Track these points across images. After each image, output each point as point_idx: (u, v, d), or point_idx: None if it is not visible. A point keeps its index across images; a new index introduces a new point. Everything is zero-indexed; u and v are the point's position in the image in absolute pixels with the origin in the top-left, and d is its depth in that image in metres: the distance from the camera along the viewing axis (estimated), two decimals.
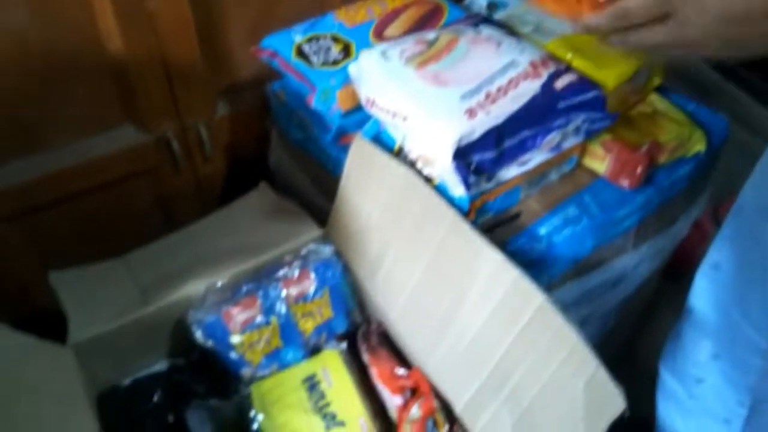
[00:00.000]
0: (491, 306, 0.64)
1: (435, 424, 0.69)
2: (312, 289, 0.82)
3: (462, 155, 0.66)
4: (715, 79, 1.65)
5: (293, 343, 0.83)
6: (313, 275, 0.82)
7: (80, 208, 0.96)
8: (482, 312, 0.65)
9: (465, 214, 0.71)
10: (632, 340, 1.22)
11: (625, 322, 1.04)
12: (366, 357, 0.82)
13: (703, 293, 0.80)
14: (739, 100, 1.40)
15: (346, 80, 0.80)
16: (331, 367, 0.81)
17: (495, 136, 0.67)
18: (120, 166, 0.95)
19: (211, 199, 1.06)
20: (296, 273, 0.82)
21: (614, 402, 0.54)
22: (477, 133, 0.66)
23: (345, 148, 0.82)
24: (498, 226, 0.76)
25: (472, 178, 0.66)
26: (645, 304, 1.09)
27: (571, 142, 0.75)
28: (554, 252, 0.77)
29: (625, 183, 0.81)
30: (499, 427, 0.65)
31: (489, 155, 0.67)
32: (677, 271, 1.41)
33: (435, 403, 0.71)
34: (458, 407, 0.70)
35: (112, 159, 0.93)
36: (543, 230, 0.77)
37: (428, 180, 0.72)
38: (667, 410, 0.83)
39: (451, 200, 0.70)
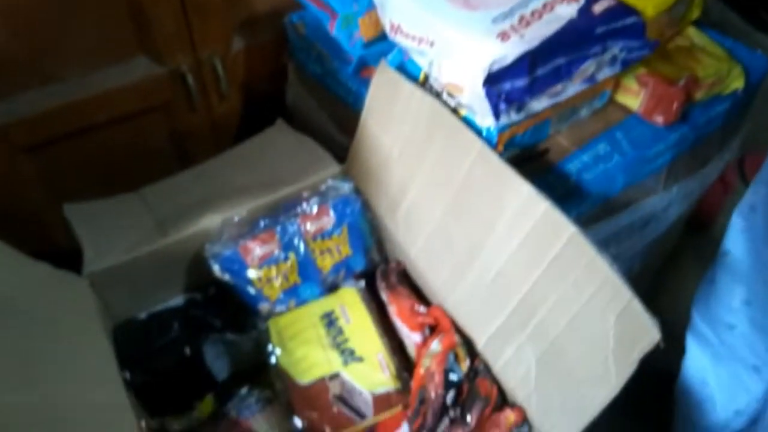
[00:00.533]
0: (519, 238, 0.61)
1: (456, 358, 0.67)
2: (330, 225, 0.80)
3: (493, 81, 0.63)
4: (745, 29, 1.58)
5: (311, 279, 0.81)
6: (331, 212, 0.80)
7: (94, 143, 0.94)
8: (509, 245, 0.62)
9: (493, 147, 0.68)
10: (653, 292, 1.20)
11: (650, 267, 1.02)
12: (385, 295, 0.80)
13: (738, 236, 0.77)
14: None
15: (369, 6, 0.77)
16: (349, 305, 0.80)
17: (528, 62, 0.63)
18: (134, 100, 0.93)
19: (226, 138, 1.04)
20: (314, 209, 0.80)
21: (648, 333, 0.52)
22: (509, 58, 0.63)
23: (366, 82, 0.78)
24: (526, 161, 0.73)
25: (502, 106, 0.63)
26: (669, 251, 1.06)
27: (606, 73, 0.71)
28: (583, 190, 0.74)
29: (659, 119, 0.78)
30: (522, 363, 0.63)
31: (521, 83, 0.64)
32: (700, 224, 1.38)
33: (456, 338, 0.69)
34: (480, 343, 0.68)
35: (126, 91, 0.91)
36: (572, 167, 0.74)
37: (455, 111, 0.69)
38: (697, 356, 0.81)
39: (478, 132, 0.67)
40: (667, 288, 1.33)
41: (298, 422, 0.70)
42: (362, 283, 0.83)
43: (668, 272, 1.23)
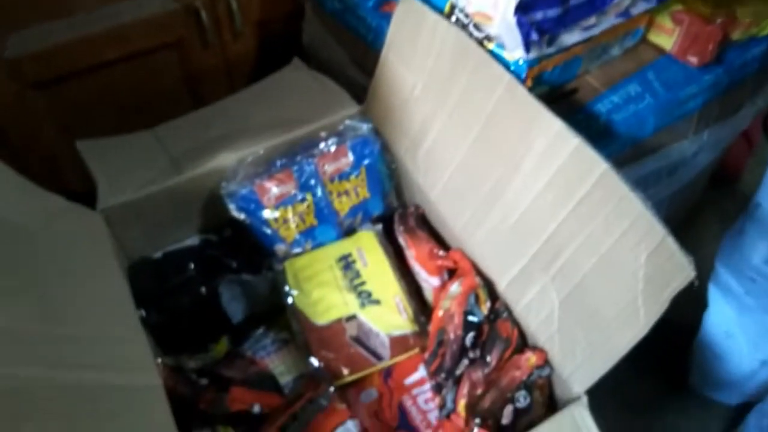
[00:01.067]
0: (547, 176, 0.59)
1: (477, 299, 0.66)
2: (348, 166, 0.78)
3: (525, 10, 0.59)
4: None
5: (328, 222, 0.80)
6: (349, 152, 0.78)
7: (106, 80, 0.92)
8: (536, 183, 0.60)
9: (521, 82, 0.65)
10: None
11: (674, 217, 0.99)
12: (403, 238, 0.78)
13: None
14: None
15: None
16: (367, 248, 0.79)
17: None
18: (147, 36, 0.90)
19: (240, 78, 1.01)
20: (332, 150, 0.77)
21: (681, 272, 0.50)
22: None
23: (387, 17, 0.75)
24: (554, 101, 0.70)
25: (533, 36, 0.60)
26: (693, 203, 1.04)
27: (641, 7, 0.68)
28: (612, 131, 0.71)
29: (693, 60, 0.75)
30: (545, 304, 0.62)
31: (553, 12, 0.61)
32: (722, 179, 1.35)
33: (477, 280, 0.68)
34: (501, 286, 0.67)
35: (138, 26, 0.88)
36: (602, 108, 0.71)
37: (481, 44, 0.66)
38: (721, 307, 0.80)
39: (506, 66, 0.64)
40: (687, 243, 1.31)
41: (314, 362, 0.70)
42: (380, 226, 0.81)
43: (689, 227, 1.21)
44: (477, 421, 0.59)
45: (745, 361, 0.80)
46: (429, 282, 0.74)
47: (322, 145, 0.78)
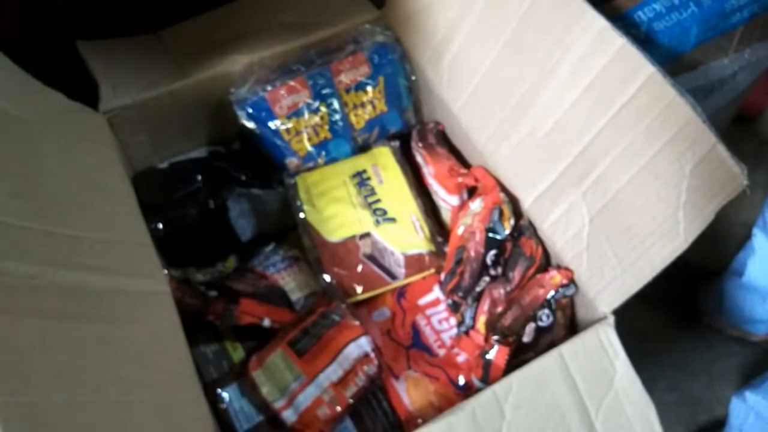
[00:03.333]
0: (586, 81, 0.55)
1: (501, 215, 0.63)
2: (366, 76, 0.74)
3: None
4: None
5: (342, 136, 0.75)
6: (367, 61, 0.73)
7: None
8: (573, 89, 0.56)
9: None
10: None
11: None
12: (421, 155, 0.74)
13: None
14: None
15: None
16: (382, 164, 0.75)
17: None
18: None
19: None
20: (349, 57, 0.72)
21: (731, 182, 0.47)
22: None
23: None
24: (594, 3, 0.65)
25: None
26: (722, 131, 0.99)
27: None
28: (653, 41, 0.66)
29: None
30: (574, 221, 0.58)
31: None
32: (743, 117, 1.30)
33: (502, 196, 0.64)
34: (527, 203, 0.63)
35: None
36: (643, 15, 0.66)
37: None
38: (756, 266, 0.78)
39: None
40: None
41: (326, 278, 0.67)
42: (397, 143, 0.77)
43: None
44: (497, 338, 0.57)
45: None
46: (447, 201, 0.71)
47: (338, 52, 0.73)
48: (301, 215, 0.71)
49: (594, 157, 0.56)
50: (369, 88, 0.74)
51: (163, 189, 0.71)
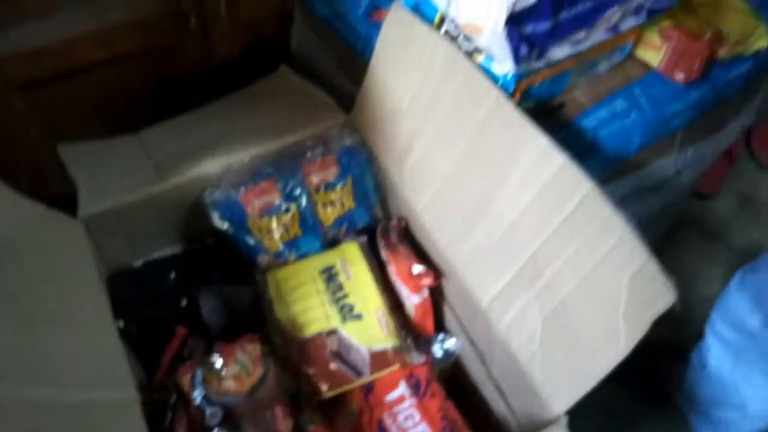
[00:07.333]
0: (533, 193, 0.59)
1: None
2: (334, 177, 0.78)
3: (515, 22, 0.59)
4: None
5: (312, 232, 0.79)
6: (336, 162, 0.77)
7: (92, 82, 0.90)
8: (522, 199, 0.60)
9: (509, 96, 0.65)
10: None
11: (655, 233, 1.00)
12: (384, 253, 0.78)
13: None
14: None
15: None
16: (350, 260, 0.78)
17: (552, 5, 0.60)
18: (134, 38, 0.88)
19: (227, 83, 0.99)
20: (318, 159, 0.77)
21: (662, 296, 0.50)
22: None
23: (377, 26, 0.74)
24: (541, 115, 0.70)
25: (523, 50, 0.60)
26: (674, 218, 1.04)
27: (630, 23, 0.68)
28: (599, 147, 0.71)
29: (680, 77, 0.75)
30: (528, 322, 0.61)
31: (544, 26, 0.60)
32: (702, 194, 1.35)
33: None
34: (484, 302, 0.66)
35: (125, 29, 0.87)
36: (588, 123, 0.71)
37: (470, 56, 0.66)
38: (717, 353, 0.80)
39: (495, 80, 0.64)
40: (668, 256, 1.32)
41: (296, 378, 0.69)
42: (364, 238, 0.80)
43: (668, 240, 1.22)
44: None
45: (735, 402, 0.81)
46: (410, 299, 0.74)
47: (308, 154, 0.77)
48: (272, 312, 0.73)
49: (543, 262, 0.59)
50: (338, 188, 0.78)
51: (137, 289, 0.74)
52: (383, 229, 0.80)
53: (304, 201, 0.77)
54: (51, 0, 0.82)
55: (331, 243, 0.81)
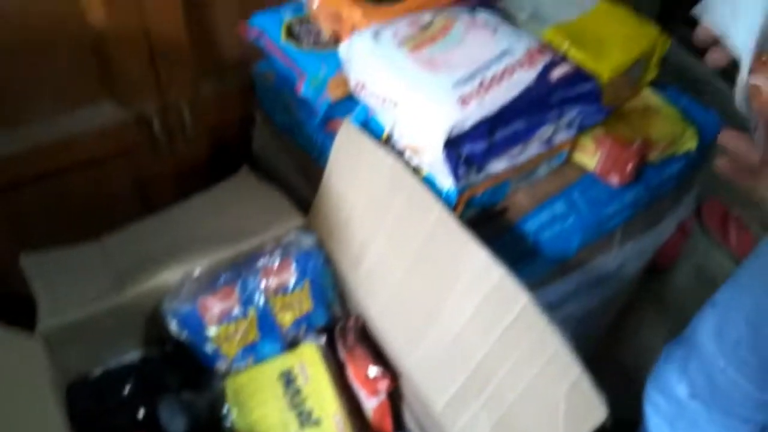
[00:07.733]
0: (474, 304, 0.62)
1: None
2: (292, 280, 0.80)
3: (453, 145, 0.64)
4: (706, 74, 1.64)
5: (271, 336, 0.81)
6: (293, 266, 0.80)
7: (58, 187, 0.93)
8: (465, 310, 0.63)
9: (452, 207, 0.69)
10: (611, 336, 1.22)
11: (605, 321, 1.03)
12: (343, 354, 0.80)
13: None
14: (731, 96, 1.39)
15: (338, 67, 0.77)
16: (309, 362, 0.79)
17: (487, 127, 0.65)
18: (99, 145, 0.92)
19: (191, 184, 1.02)
20: (276, 263, 0.79)
21: (596, 410, 0.53)
22: (469, 123, 0.64)
23: (332, 135, 0.79)
24: (485, 221, 0.74)
25: (461, 170, 0.64)
26: (626, 304, 1.08)
27: (563, 136, 0.73)
28: (540, 250, 0.75)
29: (614, 180, 0.80)
30: (478, 429, 0.63)
31: (480, 147, 0.65)
32: (658, 268, 1.40)
33: None
34: (438, 408, 0.68)
35: (90, 136, 0.90)
36: (530, 227, 0.75)
37: (416, 171, 0.70)
38: (655, 423, 0.82)
39: (438, 193, 0.68)
40: (626, 331, 1.35)
41: None
42: (323, 339, 0.82)
43: (626, 315, 1.25)
44: None
45: None
46: (368, 403, 0.75)
47: (266, 258, 0.80)
48: (229, 420, 0.74)
49: (489, 371, 0.62)
50: (295, 291, 0.80)
51: (95, 399, 0.74)
52: (341, 329, 0.82)
53: (261, 305, 0.79)
54: (16, 112, 0.86)
55: (291, 343, 0.83)
